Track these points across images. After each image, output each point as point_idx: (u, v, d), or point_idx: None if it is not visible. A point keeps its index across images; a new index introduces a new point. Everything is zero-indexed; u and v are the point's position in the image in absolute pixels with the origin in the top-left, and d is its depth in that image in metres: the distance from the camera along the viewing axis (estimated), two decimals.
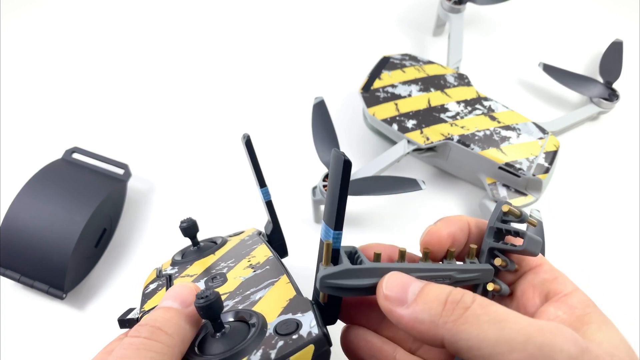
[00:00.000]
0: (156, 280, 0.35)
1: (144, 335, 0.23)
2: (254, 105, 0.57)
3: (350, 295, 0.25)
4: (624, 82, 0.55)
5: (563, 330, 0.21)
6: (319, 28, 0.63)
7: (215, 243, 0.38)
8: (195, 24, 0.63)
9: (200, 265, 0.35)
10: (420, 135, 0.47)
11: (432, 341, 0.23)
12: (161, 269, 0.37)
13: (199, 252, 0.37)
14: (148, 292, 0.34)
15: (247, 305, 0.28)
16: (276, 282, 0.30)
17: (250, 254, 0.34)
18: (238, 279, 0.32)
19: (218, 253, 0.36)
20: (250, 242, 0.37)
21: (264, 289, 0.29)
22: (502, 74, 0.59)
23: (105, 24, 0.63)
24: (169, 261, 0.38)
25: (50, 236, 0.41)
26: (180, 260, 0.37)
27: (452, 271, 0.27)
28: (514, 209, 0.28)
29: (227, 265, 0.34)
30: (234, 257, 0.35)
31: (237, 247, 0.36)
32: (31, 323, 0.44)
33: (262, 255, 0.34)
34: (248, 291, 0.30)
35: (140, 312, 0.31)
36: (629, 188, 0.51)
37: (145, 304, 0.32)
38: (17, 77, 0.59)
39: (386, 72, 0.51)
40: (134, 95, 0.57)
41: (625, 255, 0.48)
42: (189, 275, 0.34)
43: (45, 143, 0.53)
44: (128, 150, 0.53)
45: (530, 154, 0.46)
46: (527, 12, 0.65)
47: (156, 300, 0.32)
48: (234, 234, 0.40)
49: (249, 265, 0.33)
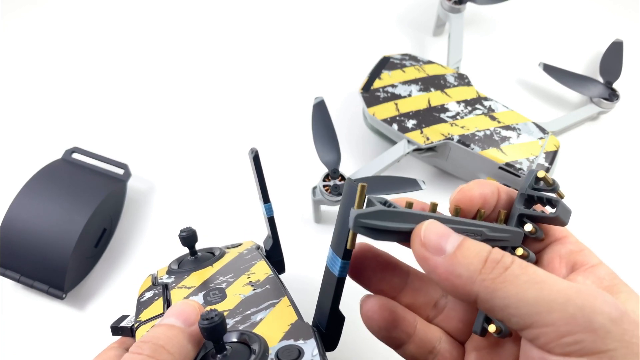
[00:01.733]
0: (152, 289, 0.34)
1: (147, 353, 0.23)
2: (254, 105, 0.57)
3: (382, 239, 0.24)
4: (624, 82, 0.55)
5: (603, 294, 0.21)
6: (319, 28, 0.63)
7: (213, 254, 0.38)
8: (196, 24, 0.63)
9: (197, 276, 0.35)
10: (420, 135, 0.47)
11: (465, 297, 0.22)
12: (157, 276, 0.36)
13: (197, 262, 0.36)
14: (144, 300, 0.33)
15: (247, 326, 0.28)
16: (277, 304, 0.30)
17: (249, 270, 0.34)
18: (238, 296, 0.31)
19: (216, 265, 0.36)
20: (249, 257, 0.36)
21: (265, 310, 0.29)
22: (502, 73, 0.59)
23: (106, 24, 0.63)
24: (164, 268, 0.37)
25: (50, 236, 0.41)
26: (177, 269, 0.36)
27: (485, 228, 0.26)
28: (549, 177, 0.27)
29: (225, 280, 0.34)
30: (233, 271, 0.35)
31: (235, 261, 0.36)
32: (31, 323, 0.44)
33: (262, 272, 0.34)
34: (248, 311, 0.30)
35: (136, 321, 0.31)
36: (629, 188, 0.51)
37: (141, 314, 0.32)
38: (17, 77, 0.59)
39: (386, 72, 0.51)
40: (134, 95, 0.57)
41: (625, 255, 0.48)
42: (186, 286, 0.34)
43: (45, 143, 0.53)
44: (128, 150, 0.53)
45: (530, 154, 0.46)
46: (527, 12, 0.65)
47: (152, 310, 0.32)
48: (231, 246, 0.40)
49: (248, 283, 0.33)
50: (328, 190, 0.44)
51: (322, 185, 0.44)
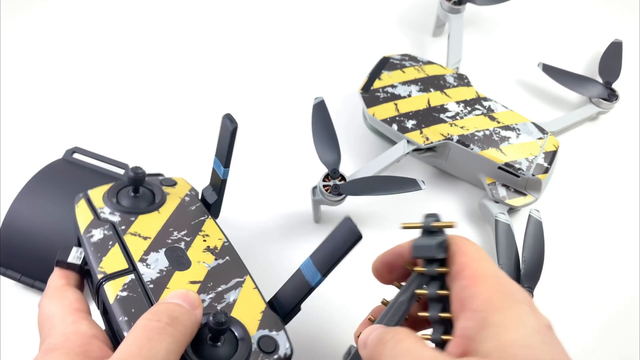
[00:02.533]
0: (99, 226, 0.34)
1: (165, 322, 0.26)
2: (254, 105, 0.57)
3: None
4: (623, 82, 0.55)
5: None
6: (318, 28, 0.63)
7: (152, 192, 0.37)
8: (195, 24, 0.63)
9: (147, 223, 0.35)
10: (420, 135, 0.47)
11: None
12: (96, 207, 0.35)
13: (138, 201, 0.36)
14: (95, 242, 0.33)
15: (223, 306, 0.31)
16: (244, 284, 0.33)
17: (202, 229, 0.36)
18: (202, 265, 0.33)
19: (163, 212, 0.36)
20: (194, 209, 0.38)
21: (234, 289, 0.33)
22: (502, 74, 0.59)
23: (105, 23, 0.63)
24: (98, 194, 0.36)
25: (50, 236, 0.41)
26: (119, 205, 0.36)
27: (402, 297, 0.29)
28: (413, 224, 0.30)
29: (181, 237, 0.35)
30: (185, 226, 0.36)
31: (181, 211, 0.37)
32: (32, 322, 0.44)
33: (216, 237, 0.36)
34: (219, 287, 0.32)
35: (100, 272, 0.31)
36: (629, 188, 0.51)
37: (101, 262, 0.32)
38: (17, 77, 0.59)
39: (386, 73, 0.51)
40: (135, 95, 0.57)
41: (625, 255, 0.48)
42: (140, 235, 0.34)
43: (45, 143, 0.53)
44: (128, 150, 0.53)
45: (529, 154, 0.46)
46: (526, 12, 0.65)
47: (113, 261, 0.32)
48: (165, 181, 0.40)
49: (206, 248, 0.35)
50: (328, 190, 0.44)
51: (322, 185, 0.44)
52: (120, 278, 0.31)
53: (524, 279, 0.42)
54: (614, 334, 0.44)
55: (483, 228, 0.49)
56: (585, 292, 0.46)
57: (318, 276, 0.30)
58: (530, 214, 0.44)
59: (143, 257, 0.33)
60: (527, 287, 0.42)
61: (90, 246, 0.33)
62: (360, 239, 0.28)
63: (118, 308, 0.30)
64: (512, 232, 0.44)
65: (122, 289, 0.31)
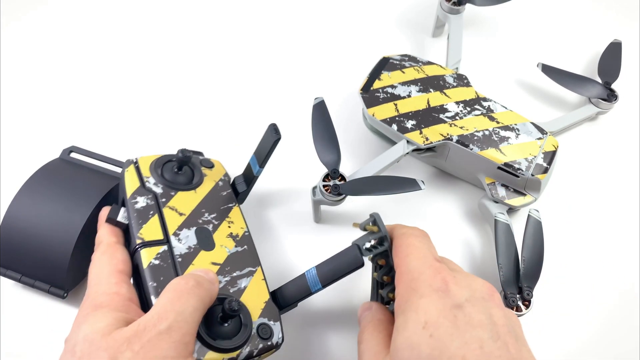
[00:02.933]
0: (143, 194, 0.39)
1: (192, 284, 0.31)
2: (254, 105, 0.57)
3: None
4: (622, 82, 0.55)
5: None
6: (318, 28, 0.63)
7: (192, 171, 0.42)
8: (195, 23, 0.63)
9: (184, 200, 0.39)
10: (420, 135, 0.47)
11: None
12: (142, 174, 0.40)
13: (180, 177, 0.41)
14: (139, 208, 0.38)
15: (235, 291, 0.36)
16: (255, 273, 0.37)
17: (228, 216, 0.40)
18: (224, 249, 0.38)
19: (199, 192, 0.41)
20: (225, 195, 0.42)
21: (247, 277, 0.37)
22: (501, 74, 0.59)
23: (103, 22, 0.63)
24: (146, 162, 0.41)
25: (50, 235, 0.41)
26: (162, 177, 0.40)
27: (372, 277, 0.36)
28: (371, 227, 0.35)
29: (210, 219, 0.39)
30: (214, 209, 0.40)
31: (214, 194, 0.41)
32: (32, 322, 0.44)
33: (239, 225, 0.40)
34: (234, 273, 0.37)
35: (139, 237, 0.36)
36: (628, 188, 0.51)
37: (141, 229, 0.36)
38: (14, 76, 0.59)
39: (386, 73, 0.51)
40: (132, 93, 0.57)
41: (624, 255, 0.48)
42: (177, 211, 0.39)
43: (42, 142, 0.53)
44: (126, 149, 0.53)
45: (529, 154, 0.46)
46: (526, 12, 0.65)
47: (151, 230, 0.37)
48: (205, 162, 0.44)
49: (230, 235, 0.39)
50: (328, 190, 0.44)
51: (322, 185, 0.44)
52: (155, 247, 0.36)
53: (524, 279, 0.42)
54: (613, 333, 0.44)
55: (482, 228, 0.49)
56: (585, 291, 0.46)
57: (319, 285, 0.35)
58: (530, 214, 0.44)
59: (176, 232, 0.37)
60: (527, 286, 0.42)
61: (133, 212, 0.37)
62: (362, 266, 0.34)
63: (149, 274, 0.34)
64: (512, 232, 0.44)
65: (155, 257, 0.35)
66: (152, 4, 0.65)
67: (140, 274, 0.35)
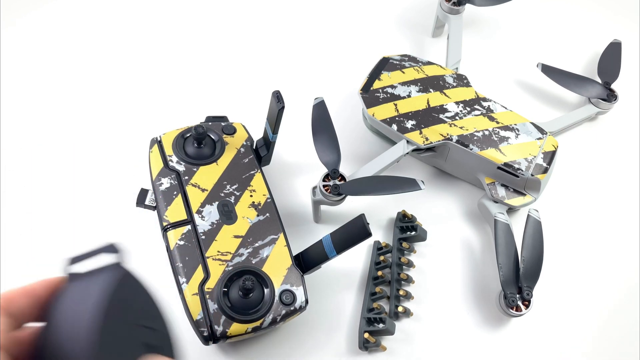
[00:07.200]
0: (167, 175, 0.40)
1: None
2: (254, 105, 0.57)
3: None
4: (622, 82, 0.55)
5: None
6: (318, 28, 0.63)
7: (214, 141, 0.42)
8: (195, 23, 0.63)
9: (206, 175, 0.41)
10: (420, 135, 0.47)
11: None
12: (165, 153, 0.41)
13: (201, 150, 0.42)
14: (163, 190, 0.39)
15: (257, 261, 0.37)
16: (277, 241, 0.39)
17: (250, 184, 0.41)
18: (246, 220, 0.39)
19: (220, 164, 0.42)
20: (247, 162, 0.43)
21: (268, 245, 0.38)
22: (501, 74, 0.59)
23: (101, 21, 0.63)
24: (169, 138, 0.42)
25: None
26: (184, 154, 0.41)
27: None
28: (407, 213, 0.43)
29: (232, 191, 0.40)
30: (236, 179, 0.41)
31: (235, 163, 0.42)
32: None
33: (261, 193, 0.41)
34: (257, 243, 0.38)
35: (165, 219, 0.38)
36: (628, 188, 0.52)
37: (166, 211, 0.38)
38: (14, 76, 0.59)
39: (386, 73, 0.51)
40: (132, 100, 0.57)
41: (624, 255, 0.48)
42: (199, 187, 0.40)
43: (40, 141, 0.53)
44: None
45: (528, 154, 0.46)
46: (525, 13, 0.65)
47: (175, 211, 0.38)
48: (226, 128, 0.45)
49: (251, 204, 0.40)
50: (328, 190, 0.44)
51: (322, 185, 0.44)
52: (180, 228, 0.38)
53: (523, 279, 0.42)
54: (613, 333, 0.44)
55: (482, 228, 0.49)
56: (585, 291, 0.46)
57: (334, 252, 0.37)
58: (529, 214, 0.44)
59: (199, 209, 0.39)
60: (527, 286, 0.42)
61: (159, 194, 0.39)
62: (369, 236, 0.36)
63: (177, 255, 0.36)
64: (511, 231, 0.44)
65: (180, 237, 0.37)
66: (155, 6, 0.65)
67: (169, 254, 0.37)
